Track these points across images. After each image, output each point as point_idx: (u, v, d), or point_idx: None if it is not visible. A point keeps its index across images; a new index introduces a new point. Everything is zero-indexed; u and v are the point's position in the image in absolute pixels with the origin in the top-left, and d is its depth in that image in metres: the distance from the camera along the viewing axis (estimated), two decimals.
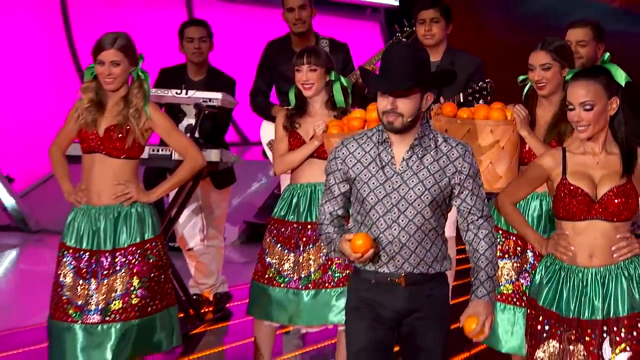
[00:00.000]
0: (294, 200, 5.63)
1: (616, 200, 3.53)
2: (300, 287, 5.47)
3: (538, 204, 4.98)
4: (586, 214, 3.58)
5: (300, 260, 5.51)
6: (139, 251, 4.80)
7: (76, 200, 4.70)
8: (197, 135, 6.59)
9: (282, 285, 5.50)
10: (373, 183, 3.25)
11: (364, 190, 3.25)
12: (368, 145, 3.30)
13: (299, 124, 5.53)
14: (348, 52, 7.08)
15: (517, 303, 5.23)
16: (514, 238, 5.26)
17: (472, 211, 3.31)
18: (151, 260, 4.87)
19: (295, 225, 5.60)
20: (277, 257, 5.57)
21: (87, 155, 4.77)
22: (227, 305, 7.40)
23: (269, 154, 6.79)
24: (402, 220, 3.20)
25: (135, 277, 4.74)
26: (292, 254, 5.52)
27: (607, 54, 3.99)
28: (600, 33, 5.64)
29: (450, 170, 3.23)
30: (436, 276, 3.31)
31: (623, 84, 3.62)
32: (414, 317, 3.26)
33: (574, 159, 3.66)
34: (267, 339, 5.75)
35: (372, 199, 3.24)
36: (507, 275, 5.25)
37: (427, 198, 3.20)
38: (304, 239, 5.59)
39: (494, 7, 13.45)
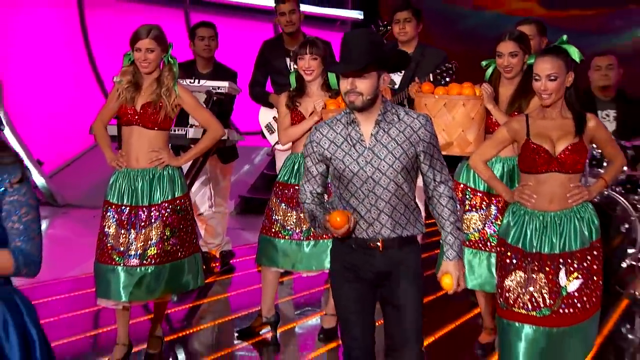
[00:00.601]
0: (295, 167, 5.65)
1: (571, 156, 3.76)
2: (301, 238, 5.57)
3: (500, 166, 5.03)
4: (547, 168, 3.81)
5: (302, 216, 5.52)
6: (170, 206, 4.89)
7: (117, 164, 4.79)
8: None
9: (286, 237, 5.59)
10: (347, 160, 3.19)
11: (340, 167, 3.21)
12: (338, 127, 3.24)
13: (299, 103, 5.57)
14: (331, 49, 6.95)
15: (483, 248, 5.36)
16: (480, 194, 5.37)
17: (435, 176, 3.26)
18: (180, 214, 4.99)
19: (296, 187, 5.53)
20: (281, 214, 5.64)
21: (126, 128, 4.88)
22: (231, 261, 7.47)
23: (267, 134, 6.93)
24: (378, 190, 3.16)
25: (167, 228, 4.84)
26: (294, 211, 5.57)
27: (565, 36, 4.04)
28: (544, 29, 5.75)
29: (415, 139, 3.18)
30: (410, 238, 3.26)
31: (578, 61, 3.76)
32: (391, 278, 3.23)
33: (535, 124, 3.90)
34: (272, 283, 5.81)
35: (348, 174, 3.19)
36: (475, 225, 5.35)
37: (398, 166, 3.17)
38: (291, 199, 5.73)
39: (438, 25, 13.61)
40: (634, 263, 6.62)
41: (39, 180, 10.41)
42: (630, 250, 6.63)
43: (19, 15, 11.34)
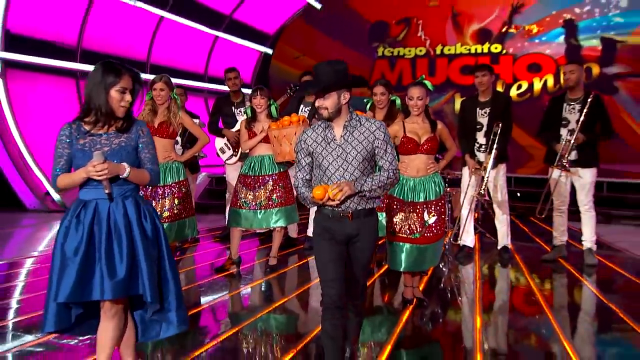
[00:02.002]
0: (252, 164, 6.77)
1: (429, 144, 5.08)
2: (256, 208, 6.68)
3: None
4: (415, 151, 5.09)
5: (256, 195, 6.69)
6: (177, 186, 6.14)
7: None
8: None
9: (246, 208, 6.69)
10: (325, 152, 3.57)
11: (320, 158, 3.58)
12: (318, 130, 3.63)
13: (253, 125, 6.74)
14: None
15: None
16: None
17: (385, 164, 3.59)
18: (183, 190, 6.16)
19: (253, 177, 6.74)
20: (243, 194, 6.71)
21: None
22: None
23: (220, 154, 8.16)
24: (347, 174, 3.52)
25: (175, 199, 6.08)
26: (250, 192, 6.70)
27: (423, 75, 5.37)
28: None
29: (371, 138, 3.55)
30: (371, 210, 3.62)
31: (431, 89, 5.09)
32: (356, 238, 3.59)
33: (408, 126, 5.11)
34: (237, 237, 6.76)
35: (326, 162, 3.56)
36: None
37: (360, 157, 3.54)
38: (257, 184, 6.73)
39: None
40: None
41: (56, 196, 11.37)
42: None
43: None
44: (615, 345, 4.84)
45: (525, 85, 14.25)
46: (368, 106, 6.35)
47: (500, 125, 6.82)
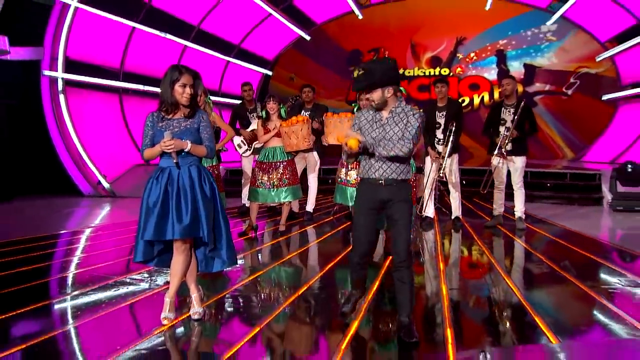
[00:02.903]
0: (267, 153, 6.73)
1: None
2: (269, 187, 6.65)
3: None
4: None
5: (269, 177, 6.65)
6: (211, 169, 6.00)
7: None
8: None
9: (261, 187, 6.66)
10: (370, 130, 3.40)
11: (366, 134, 3.39)
12: (370, 112, 3.45)
13: (267, 124, 6.69)
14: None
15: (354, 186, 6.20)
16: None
17: (406, 138, 3.34)
18: (215, 172, 6.15)
19: (267, 163, 6.70)
20: (259, 176, 6.66)
21: None
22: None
23: (238, 149, 7.87)
24: (385, 149, 3.31)
25: (211, 177, 5.87)
26: (265, 175, 6.66)
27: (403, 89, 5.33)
28: None
29: (405, 121, 3.37)
30: (403, 180, 3.37)
31: (405, 93, 5.02)
32: (392, 202, 3.34)
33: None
34: (255, 209, 6.72)
35: (370, 139, 3.36)
36: (353, 177, 6.32)
37: (398, 136, 3.35)
38: (271, 169, 6.67)
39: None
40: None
41: (106, 184, 11.34)
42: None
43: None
44: (539, 278, 5.06)
45: (467, 100, 14.48)
46: (355, 108, 6.35)
47: (454, 124, 6.95)
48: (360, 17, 14.62)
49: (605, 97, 13.45)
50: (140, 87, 12.54)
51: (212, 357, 3.31)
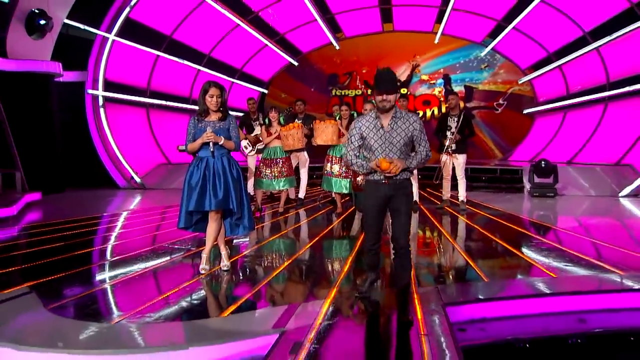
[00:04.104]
0: (269, 152, 6.83)
1: None
2: (271, 178, 6.77)
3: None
4: None
5: (271, 170, 6.76)
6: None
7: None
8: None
9: (265, 178, 6.78)
10: (375, 137, 2.96)
11: (371, 141, 2.97)
12: (370, 119, 3.00)
13: (269, 129, 6.81)
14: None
15: (345, 177, 6.42)
16: (338, 158, 6.51)
17: (421, 148, 3.01)
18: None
19: (269, 159, 6.80)
20: (263, 169, 6.77)
21: None
22: None
23: (244, 150, 7.50)
24: (391, 154, 2.95)
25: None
26: (268, 168, 6.78)
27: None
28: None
29: (410, 128, 2.97)
30: (407, 180, 3.01)
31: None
32: (394, 197, 2.98)
33: None
34: (260, 195, 6.82)
35: (374, 145, 2.97)
36: (341, 168, 6.40)
37: (402, 142, 2.96)
38: (272, 164, 6.79)
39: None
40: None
41: (137, 179, 11.21)
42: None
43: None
44: (477, 243, 5.21)
45: (421, 114, 14.55)
46: (337, 117, 6.49)
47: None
48: (337, 47, 14.84)
49: (525, 111, 13.91)
50: (163, 102, 12.55)
51: (235, 299, 3.43)
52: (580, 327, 3.04)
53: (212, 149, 3.67)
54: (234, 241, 5.10)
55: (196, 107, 3.80)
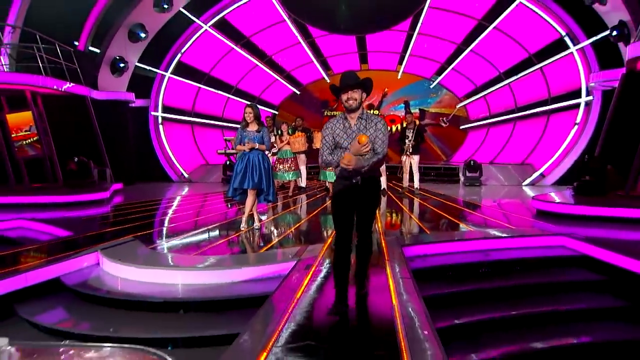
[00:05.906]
0: (282, 153, 6.97)
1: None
2: (283, 171, 6.92)
3: None
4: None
5: (283, 166, 6.90)
6: None
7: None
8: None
9: (280, 172, 6.95)
10: (344, 136, 2.40)
11: (341, 140, 2.39)
12: (339, 121, 2.43)
13: (282, 137, 6.86)
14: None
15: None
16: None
17: (377, 149, 2.36)
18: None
19: (283, 158, 6.94)
20: (278, 165, 6.89)
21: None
22: None
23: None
24: (366, 160, 2.28)
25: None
26: (281, 165, 6.90)
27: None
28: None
29: (374, 128, 2.37)
30: (375, 178, 2.38)
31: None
32: (362, 195, 2.37)
33: None
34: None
35: (345, 143, 2.38)
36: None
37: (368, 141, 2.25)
38: (284, 162, 6.96)
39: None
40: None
41: (185, 175, 11.32)
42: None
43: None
44: (427, 215, 5.33)
45: (389, 128, 15.03)
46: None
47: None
48: (328, 81, 15.05)
49: (462, 127, 14.17)
50: (203, 120, 12.49)
51: (262, 245, 3.69)
52: (486, 259, 3.39)
53: (247, 149, 4.02)
54: (261, 212, 5.25)
55: (226, 124, 4.00)
